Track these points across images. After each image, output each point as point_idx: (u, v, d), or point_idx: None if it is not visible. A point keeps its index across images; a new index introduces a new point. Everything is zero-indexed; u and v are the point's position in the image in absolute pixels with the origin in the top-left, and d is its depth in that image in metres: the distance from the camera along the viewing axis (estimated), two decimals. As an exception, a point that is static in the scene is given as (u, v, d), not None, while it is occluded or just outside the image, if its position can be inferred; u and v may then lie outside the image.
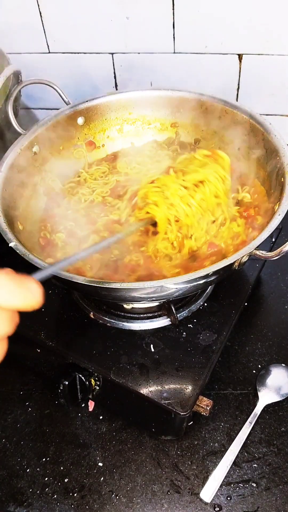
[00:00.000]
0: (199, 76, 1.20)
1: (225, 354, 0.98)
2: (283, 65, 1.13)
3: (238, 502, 0.80)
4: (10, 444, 0.90)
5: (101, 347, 0.86)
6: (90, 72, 1.25)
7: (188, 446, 0.88)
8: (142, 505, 0.81)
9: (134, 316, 0.90)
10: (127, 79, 1.26)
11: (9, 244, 0.75)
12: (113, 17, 1.14)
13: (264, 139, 0.91)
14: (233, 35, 1.11)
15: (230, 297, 0.94)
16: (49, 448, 0.89)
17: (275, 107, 1.21)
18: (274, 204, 0.80)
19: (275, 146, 0.87)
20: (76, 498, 0.83)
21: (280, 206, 0.75)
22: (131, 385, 0.81)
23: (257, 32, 1.08)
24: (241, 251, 0.70)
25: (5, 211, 0.82)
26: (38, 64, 1.26)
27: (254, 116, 0.94)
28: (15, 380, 0.99)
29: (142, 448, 0.88)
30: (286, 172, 0.81)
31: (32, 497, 0.83)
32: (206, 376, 0.82)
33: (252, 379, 0.95)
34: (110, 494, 0.83)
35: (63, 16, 1.16)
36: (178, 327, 0.89)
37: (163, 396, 0.79)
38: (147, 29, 1.15)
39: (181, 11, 1.09)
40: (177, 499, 0.82)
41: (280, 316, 1.05)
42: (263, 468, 0.84)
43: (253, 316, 1.05)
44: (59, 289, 0.97)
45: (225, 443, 0.87)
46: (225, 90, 1.21)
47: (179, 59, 1.18)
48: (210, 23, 1.09)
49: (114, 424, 0.91)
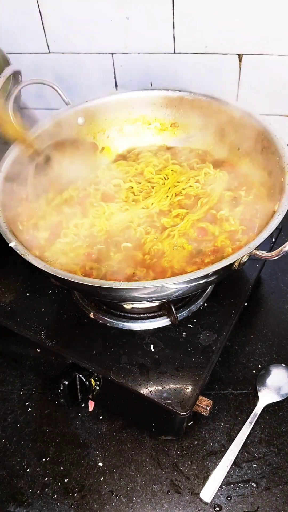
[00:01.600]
0: (199, 76, 1.20)
1: (225, 354, 0.98)
2: (283, 65, 1.13)
3: (238, 502, 0.80)
4: (10, 444, 0.90)
5: (101, 347, 0.86)
6: (90, 72, 1.25)
7: (188, 446, 0.88)
8: (142, 505, 0.81)
9: (134, 316, 0.90)
10: (127, 79, 1.26)
11: (9, 244, 0.75)
12: (113, 17, 1.14)
13: (264, 139, 0.91)
14: (233, 35, 1.11)
15: (230, 297, 0.94)
16: (49, 448, 0.89)
17: (275, 107, 1.21)
18: (274, 204, 0.80)
19: (275, 146, 0.87)
20: (76, 498, 0.83)
21: (280, 206, 0.75)
22: (131, 385, 0.81)
23: (257, 32, 1.08)
24: (241, 251, 0.70)
25: (5, 211, 0.83)
26: (38, 64, 1.26)
27: (254, 116, 0.94)
28: (15, 380, 0.99)
29: (142, 448, 0.88)
30: (286, 172, 0.81)
31: (32, 497, 0.83)
32: (206, 376, 0.82)
33: (252, 379, 0.95)
34: (110, 494, 0.83)
35: (63, 16, 1.16)
36: (178, 327, 0.89)
37: (163, 396, 0.79)
38: (147, 29, 1.15)
39: (181, 11, 1.09)
40: (177, 499, 0.82)
41: (280, 316, 1.05)
42: (263, 468, 0.84)
43: (253, 316, 1.05)
44: (59, 289, 0.97)
45: (225, 443, 0.87)
46: (225, 90, 1.21)
47: (179, 59, 1.18)
48: (210, 23, 1.10)
49: (114, 424, 0.91)
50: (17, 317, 0.92)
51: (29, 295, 0.97)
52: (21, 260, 0.74)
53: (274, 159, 0.87)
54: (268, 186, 0.89)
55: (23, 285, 0.99)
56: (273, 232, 0.72)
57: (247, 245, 0.71)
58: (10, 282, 1.00)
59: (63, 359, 0.87)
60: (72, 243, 0.89)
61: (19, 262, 0.76)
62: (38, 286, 0.98)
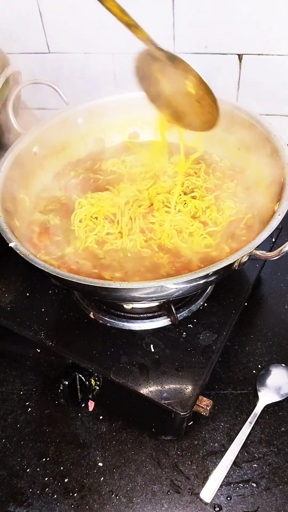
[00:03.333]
0: (199, 76, 1.19)
1: (225, 354, 0.98)
2: (283, 65, 1.13)
3: (238, 502, 0.80)
4: (10, 444, 0.90)
5: (101, 347, 0.86)
6: (90, 72, 1.25)
7: (188, 446, 0.88)
8: (142, 505, 0.81)
9: (134, 316, 0.90)
10: (127, 79, 1.25)
11: (9, 244, 0.75)
12: (113, 17, 1.14)
13: (264, 139, 0.91)
14: (233, 35, 1.11)
15: (230, 297, 0.94)
16: (49, 448, 0.89)
17: (275, 107, 1.21)
18: (274, 204, 0.80)
19: (275, 146, 0.87)
20: (76, 498, 0.83)
21: (280, 206, 0.76)
22: (131, 385, 0.81)
23: (257, 32, 1.09)
24: (240, 251, 0.70)
25: (5, 210, 0.83)
26: (38, 64, 1.26)
27: (253, 116, 0.94)
28: (15, 380, 0.99)
29: (142, 448, 0.88)
30: (286, 172, 0.81)
31: (32, 497, 0.83)
32: (206, 376, 0.82)
33: (252, 379, 0.95)
34: (110, 494, 0.83)
35: (63, 16, 1.16)
36: (178, 327, 0.89)
37: (163, 396, 0.79)
38: (147, 29, 1.14)
39: (181, 11, 1.09)
40: (177, 499, 0.82)
41: (280, 316, 1.05)
42: (263, 468, 0.84)
43: (253, 316, 1.05)
44: (59, 289, 0.97)
45: (225, 443, 0.87)
46: (225, 90, 1.21)
47: (179, 59, 1.18)
48: (210, 23, 1.10)
49: (114, 424, 0.91)
50: (17, 317, 0.92)
51: (29, 295, 0.97)
52: (21, 260, 0.74)
53: (274, 159, 0.87)
54: (268, 186, 0.89)
55: (23, 285, 0.99)
56: (273, 232, 0.73)
57: (247, 245, 0.71)
58: (10, 282, 1.00)
59: (63, 359, 0.87)
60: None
61: (19, 262, 0.77)
62: (38, 286, 0.98)
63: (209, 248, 0.87)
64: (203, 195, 0.95)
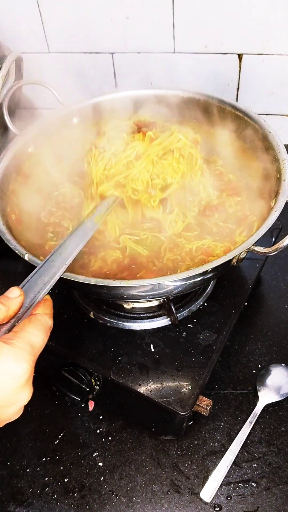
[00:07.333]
0: (199, 76, 1.20)
1: (225, 354, 0.98)
2: (283, 65, 1.13)
3: (238, 502, 0.80)
4: (10, 444, 0.90)
5: (101, 347, 0.86)
6: (90, 72, 1.25)
7: (188, 446, 0.88)
8: (142, 505, 0.81)
9: (134, 316, 0.90)
10: (127, 79, 1.26)
11: (10, 245, 0.75)
12: (113, 16, 1.14)
13: (260, 137, 0.91)
14: (233, 35, 1.11)
15: (230, 297, 0.94)
16: (49, 448, 0.89)
17: (275, 107, 1.21)
18: (270, 201, 0.80)
19: (270, 143, 0.88)
20: (76, 498, 0.83)
21: (277, 202, 0.76)
22: (131, 385, 0.81)
23: (257, 32, 1.08)
24: (239, 247, 0.70)
25: (3, 211, 0.82)
26: (38, 64, 1.26)
27: (250, 114, 0.94)
28: (15, 380, 0.99)
29: (142, 448, 0.88)
30: (282, 169, 0.81)
31: (32, 497, 0.83)
32: (206, 376, 0.82)
33: (252, 379, 0.95)
34: (110, 494, 0.83)
35: (63, 16, 1.16)
36: (178, 327, 0.89)
37: (163, 396, 0.79)
38: (147, 29, 1.15)
39: (181, 11, 1.09)
40: (177, 499, 0.82)
41: (280, 316, 1.05)
42: (263, 468, 0.84)
43: (253, 316, 1.05)
44: (59, 289, 0.97)
45: (225, 443, 0.87)
46: (225, 90, 1.21)
47: (179, 59, 1.18)
48: (210, 23, 1.09)
49: (114, 424, 0.91)
50: (17, 317, 0.92)
51: (29, 295, 0.96)
52: (21, 260, 0.74)
53: (270, 156, 0.87)
54: (265, 183, 0.89)
55: (23, 285, 0.99)
56: (273, 232, 0.73)
57: (245, 241, 0.71)
58: (10, 282, 0.99)
59: (63, 359, 0.87)
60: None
61: (19, 262, 0.76)
62: (38, 286, 0.98)
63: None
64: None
